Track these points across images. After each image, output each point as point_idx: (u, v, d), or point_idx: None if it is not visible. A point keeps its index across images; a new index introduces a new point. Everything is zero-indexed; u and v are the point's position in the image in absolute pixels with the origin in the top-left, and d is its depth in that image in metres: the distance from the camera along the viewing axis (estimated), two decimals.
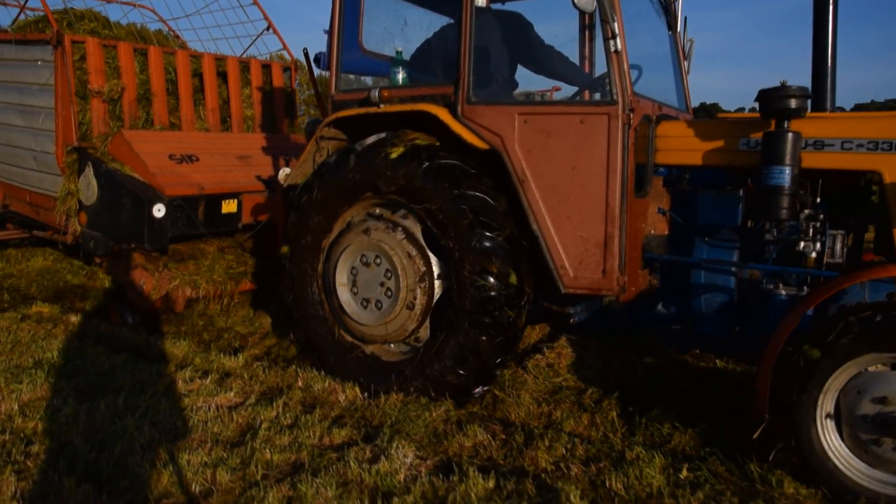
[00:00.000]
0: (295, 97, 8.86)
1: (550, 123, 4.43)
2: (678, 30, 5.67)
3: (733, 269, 4.50)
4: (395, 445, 3.85)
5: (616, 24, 4.26)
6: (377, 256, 4.79)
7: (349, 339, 5.07)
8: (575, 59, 5.82)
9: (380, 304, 4.82)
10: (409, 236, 4.71)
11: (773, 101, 3.86)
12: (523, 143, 4.48)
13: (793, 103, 3.81)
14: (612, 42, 4.27)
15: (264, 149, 7.80)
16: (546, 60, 5.49)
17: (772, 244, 4.33)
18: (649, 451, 3.75)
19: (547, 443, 3.94)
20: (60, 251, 8.47)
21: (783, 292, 4.28)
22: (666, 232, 4.79)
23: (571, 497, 3.27)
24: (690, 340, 5.10)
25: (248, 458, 3.77)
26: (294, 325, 5.36)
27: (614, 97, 4.27)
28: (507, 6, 5.43)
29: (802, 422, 3.38)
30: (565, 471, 3.66)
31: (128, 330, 6.46)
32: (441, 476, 3.54)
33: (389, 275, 4.76)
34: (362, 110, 4.97)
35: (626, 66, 4.29)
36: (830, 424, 3.39)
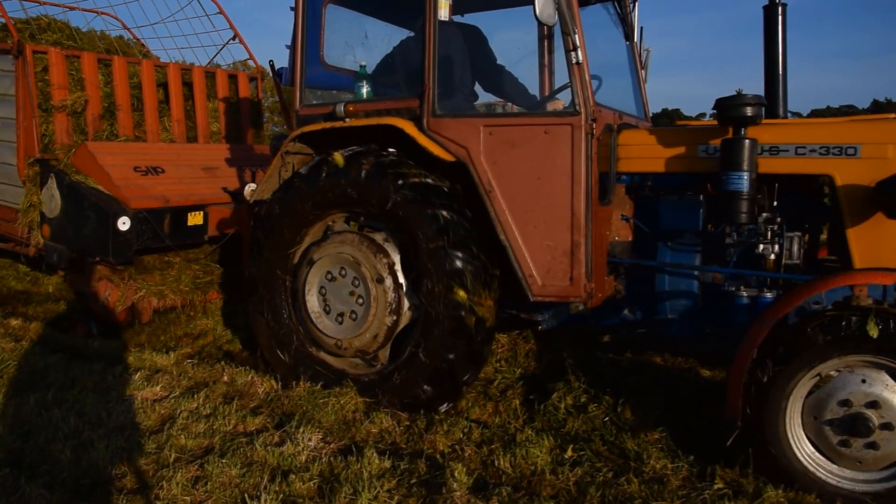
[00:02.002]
0: (261, 107, 8.83)
1: (515, 135, 4.51)
2: (635, 39, 5.79)
3: (695, 272, 4.63)
4: (302, 431, 4.14)
5: (577, 37, 4.34)
6: (345, 269, 4.83)
7: (317, 352, 5.10)
8: (534, 69, 5.94)
9: (354, 314, 4.86)
10: (380, 251, 4.75)
11: (729, 109, 3.98)
12: (489, 155, 4.55)
13: (749, 111, 3.93)
14: (573, 54, 4.36)
15: (230, 160, 7.77)
16: (499, 79, 5.60)
17: (732, 247, 4.45)
18: (540, 435, 4.10)
19: (446, 428, 4.28)
20: (6, 258, 8.44)
21: (744, 294, 4.40)
22: (630, 238, 4.89)
23: (456, 474, 3.58)
24: (657, 342, 5.23)
25: (164, 443, 4.04)
26: (259, 336, 5.36)
27: (577, 108, 4.36)
28: (467, 18, 5.50)
29: (771, 426, 3.50)
30: (459, 452, 3.99)
31: (64, 332, 6.54)
32: (341, 457, 3.84)
33: (357, 281, 4.80)
34: (328, 125, 4.98)
35: (587, 77, 4.39)
36: (799, 427, 3.52)
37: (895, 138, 3.85)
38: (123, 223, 6.38)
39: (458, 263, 4.40)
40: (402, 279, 4.73)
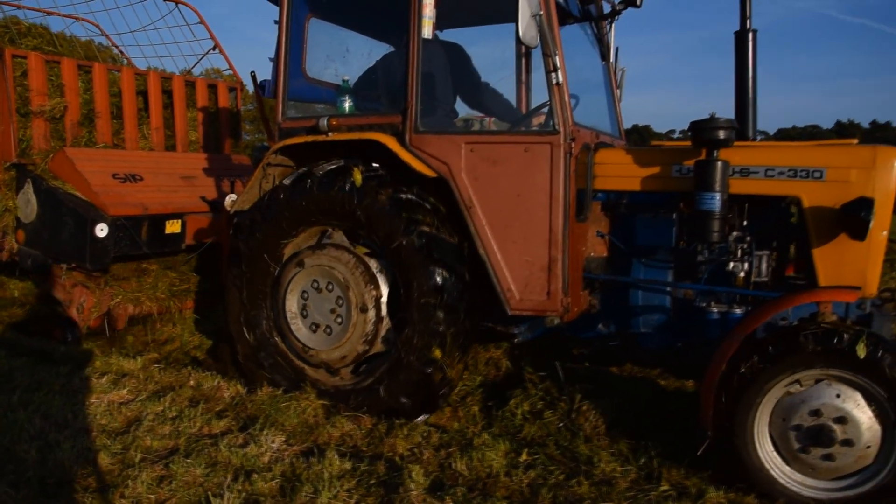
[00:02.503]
0: (240, 118, 8.85)
1: (496, 152, 4.62)
2: (611, 59, 5.94)
3: (668, 287, 4.76)
4: (265, 433, 4.29)
5: (557, 58, 4.47)
6: (329, 283, 4.90)
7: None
8: (512, 84, 6.06)
9: (329, 330, 4.93)
10: (372, 282, 4.82)
11: (703, 131, 4.11)
12: (470, 171, 4.65)
13: (721, 134, 4.08)
14: (553, 75, 4.49)
15: (208, 169, 7.79)
16: (482, 95, 5.71)
17: (704, 264, 4.60)
18: (497, 439, 4.28)
19: (406, 432, 4.44)
20: None
21: (715, 309, 4.54)
22: (605, 254, 5.02)
23: (414, 475, 3.74)
24: (630, 355, 5.37)
25: (130, 444, 4.16)
26: (230, 308, 5.41)
27: (556, 127, 4.48)
28: (449, 37, 5.61)
29: (741, 435, 3.66)
30: (418, 455, 4.16)
31: (29, 335, 6.56)
32: (303, 458, 3.99)
33: (340, 301, 4.87)
34: (310, 138, 5.05)
35: (566, 98, 4.52)
36: (766, 425, 3.69)
37: (858, 163, 4.03)
38: (101, 230, 6.38)
39: (442, 327, 4.51)
40: (384, 313, 4.83)
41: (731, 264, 4.43)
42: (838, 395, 3.54)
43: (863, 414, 3.51)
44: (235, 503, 3.51)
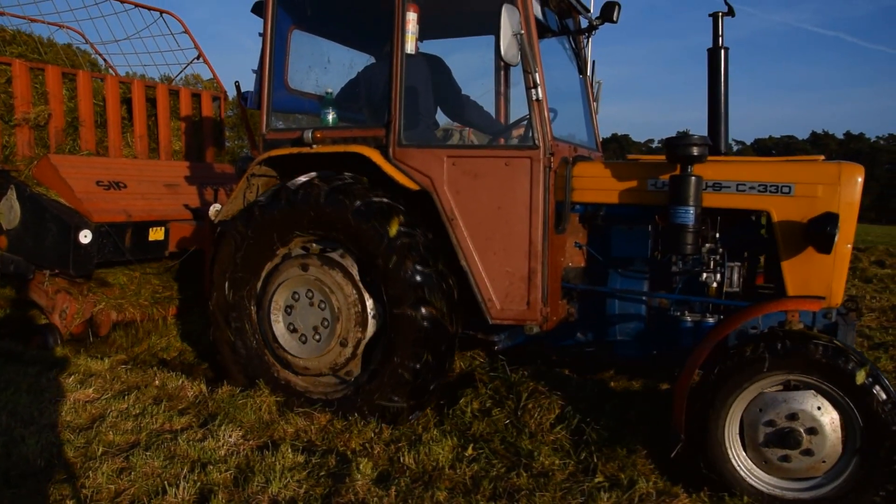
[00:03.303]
0: (223, 126, 8.91)
1: (477, 166, 4.74)
2: (587, 73, 6.09)
3: (643, 297, 4.92)
4: (223, 429, 4.48)
5: (537, 75, 4.61)
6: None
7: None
8: (491, 96, 6.20)
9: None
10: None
11: (678, 148, 4.28)
12: (452, 185, 4.78)
13: (695, 151, 4.24)
14: (533, 91, 4.62)
15: (192, 177, 7.86)
16: (463, 108, 5.84)
17: (678, 275, 4.77)
18: (445, 435, 4.50)
19: (359, 428, 4.66)
20: None
21: (689, 319, 4.70)
22: (583, 264, 5.16)
23: (361, 467, 3.97)
24: (607, 363, 5.52)
25: (92, 439, 4.34)
26: (222, 357, 5.47)
27: (536, 142, 4.62)
28: (431, 50, 5.72)
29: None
30: (369, 449, 4.39)
31: (22, 342, 6.59)
32: (258, 452, 4.19)
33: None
34: (295, 150, 5.14)
35: (546, 114, 4.65)
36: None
37: (824, 179, 4.21)
38: (85, 236, 6.43)
39: (419, 278, 4.63)
40: (370, 322, 4.93)
41: (704, 275, 4.59)
42: (819, 408, 3.69)
43: (834, 433, 3.67)
44: (190, 493, 3.71)
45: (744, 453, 3.84)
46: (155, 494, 3.70)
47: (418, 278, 4.61)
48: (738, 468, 3.82)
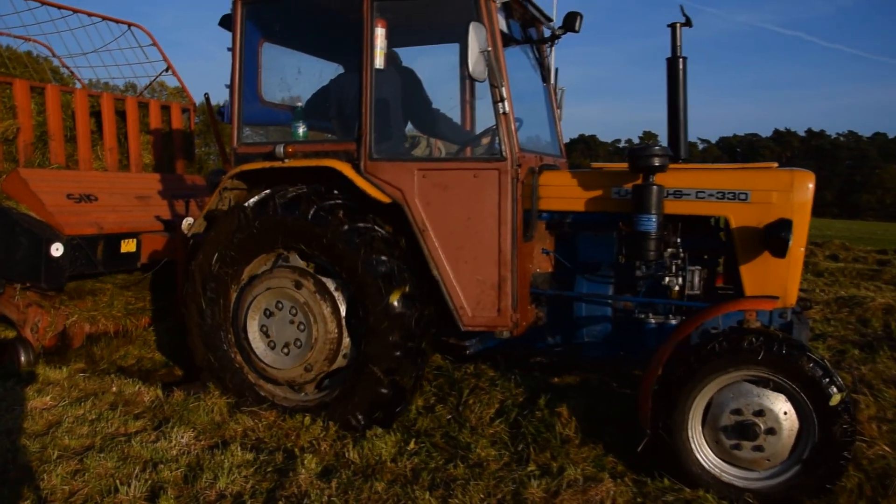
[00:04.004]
0: (193, 138, 8.95)
1: (447, 178, 4.87)
2: (551, 81, 6.25)
3: (609, 301, 5.09)
4: (176, 431, 4.68)
5: (504, 90, 4.75)
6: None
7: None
8: (457, 105, 6.33)
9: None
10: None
11: (640, 158, 4.45)
12: (423, 197, 4.90)
13: (657, 161, 4.42)
14: (500, 105, 4.76)
15: (163, 189, 7.90)
16: (433, 120, 5.98)
17: (642, 279, 4.94)
18: (389, 431, 4.74)
19: (306, 426, 4.87)
20: None
21: (653, 320, 4.91)
22: (550, 270, 5.33)
23: (306, 462, 4.20)
24: (575, 364, 5.68)
25: (48, 443, 4.51)
26: (202, 367, 5.55)
27: (503, 154, 4.76)
28: (402, 62, 5.84)
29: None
30: (316, 446, 4.60)
31: None
32: (208, 451, 4.40)
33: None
34: (267, 164, 5.22)
35: (513, 126, 4.80)
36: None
37: (778, 186, 4.42)
38: (56, 249, 6.43)
39: (399, 345, 4.77)
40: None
41: (667, 278, 4.78)
42: (786, 413, 3.90)
43: (790, 431, 3.90)
44: (141, 490, 3.90)
45: (703, 438, 4.06)
46: (108, 493, 3.90)
47: (394, 302, 4.76)
48: (696, 452, 4.04)
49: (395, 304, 4.73)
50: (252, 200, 5.21)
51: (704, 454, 4.04)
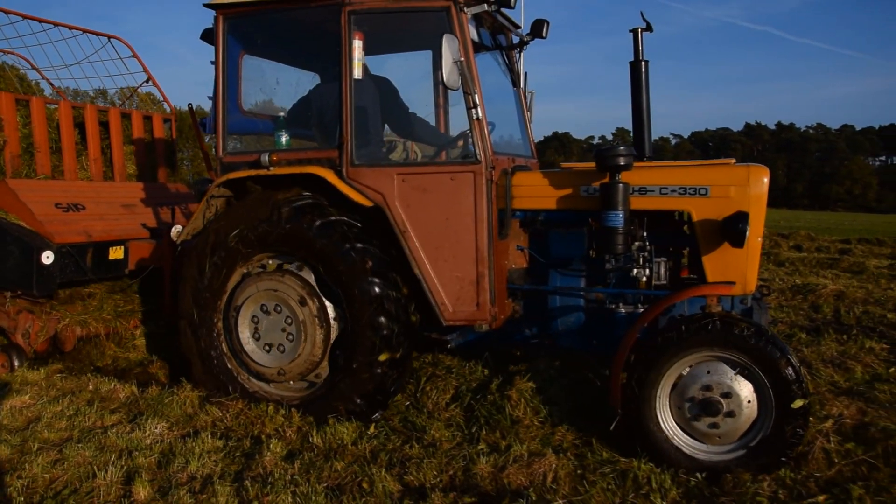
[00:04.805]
0: (175, 148, 9.13)
1: (425, 181, 5.14)
2: (521, 85, 6.52)
3: (582, 293, 5.38)
4: (150, 422, 5.00)
5: (477, 96, 5.02)
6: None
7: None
8: (432, 109, 6.59)
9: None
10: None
11: (607, 158, 4.74)
12: (403, 200, 5.16)
13: (622, 160, 4.70)
14: (474, 111, 5.03)
15: (147, 197, 8.08)
16: (410, 124, 6.23)
17: (611, 272, 5.20)
18: (350, 418, 5.04)
19: (271, 415, 5.17)
20: None
21: (623, 310, 5.19)
22: (525, 266, 5.60)
23: (272, 446, 4.55)
24: (551, 354, 5.95)
25: (29, 437, 4.82)
26: (192, 370, 5.75)
27: (478, 157, 5.04)
28: (377, 72, 6.09)
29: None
30: (282, 433, 4.92)
31: None
32: (181, 440, 4.74)
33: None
34: (252, 172, 5.44)
35: (486, 131, 5.07)
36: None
37: (736, 181, 4.71)
38: (47, 257, 6.58)
39: (377, 290, 5.01)
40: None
41: (635, 270, 5.06)
42: (750, 402, 4.21)
43: (747, 417, 4.24)
44: (117, 475, 4.20)
45: (670, 412, 4.37)
46: (86, 479, 4.19)
47: (377, 290, 5.01)
48: (664, 429, 4.35)
49: (375, 288, 4.99)
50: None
51: (664, 417, 4.35)
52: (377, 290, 4.99)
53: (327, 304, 5.25)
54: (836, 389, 5.30)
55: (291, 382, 5.45)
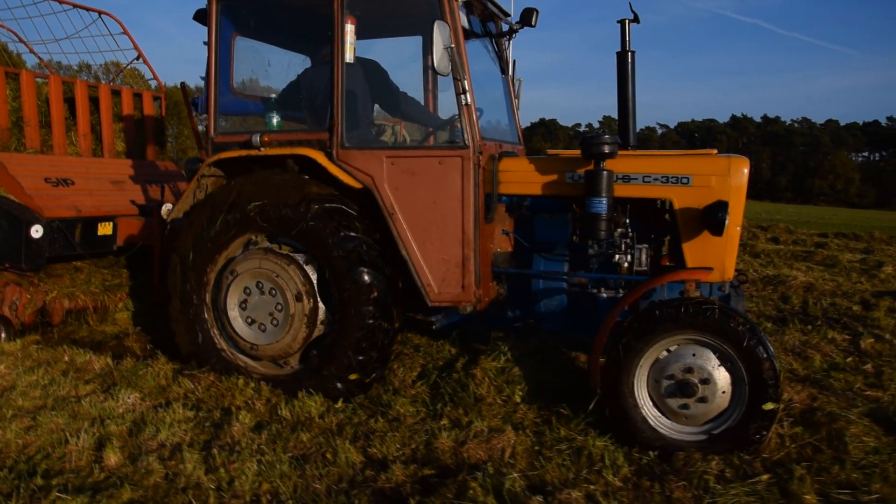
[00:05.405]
0: (164, 125, 9.15)
1: (414, 165, 5.24)
2: (509, 73, 6.62)
3: (565, 277, 5.50)
4: (123, 392, 5.13)
5: (466, 82, 5.12)
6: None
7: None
8: (421, 93, 6.68)
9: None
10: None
11: (592, 146, 4.84)
12: (391, 182, 5.26)
13: (606, 148, 4.81)
14: (463, 97, 5.12)
15: (136, 174, 8.13)
16: (401, 104, 6.31)
17: (594, 257, 5.33)
18: (318, 394, 5.13)
19: (242, 386, 5.29)
20: None
21: (604, 294, 5.33)
22: (510, 250, 5.72)
23: (240, 417, 4.70)
24: (535, 336, 6.08)
25: (3, 404, 4.96)
26: (183, 346, 5.82)
27: (466, 142, 5.14)
28: (366, 55, 6.16)
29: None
30: (252, 405, 5.07)
31: None
32: (153, 410, 4.86)
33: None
34: (244, 152, 5.52)
35: (474, 116, 5.17)
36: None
37: (716, 171, 4.84)
38: (36, 231, 6.64)
39: (367, 278, 5.09)
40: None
41: (617, 256, 5.19)
42: (724, 392, 4.32)
43: (715, 407, 4.35)
44: (89, 442, 4.31)
45: (646, 383, 4.49)
46: (58, 444, 4.30)
47: (367, 278, 5.11)
48: (637, 397, 4.47)
49: (365, 277, 5.08)
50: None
51: (639, 388, 4.46)
52: (371, 320, 5.12)
53: (321, 306, 5.32)
54: (793, 377, 5.51)
55: (260, 359, 5.53)
